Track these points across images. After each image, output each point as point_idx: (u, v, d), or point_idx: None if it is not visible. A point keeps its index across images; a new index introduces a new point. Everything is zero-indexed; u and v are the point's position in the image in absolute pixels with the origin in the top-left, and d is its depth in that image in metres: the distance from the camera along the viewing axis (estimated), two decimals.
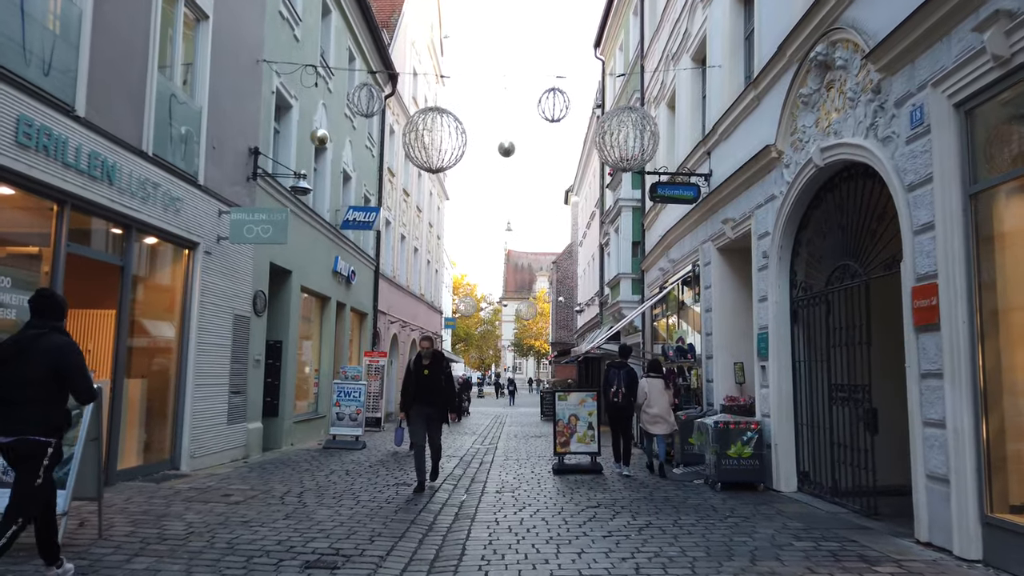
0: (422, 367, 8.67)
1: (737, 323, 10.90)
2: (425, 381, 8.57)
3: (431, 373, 8.61)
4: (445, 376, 8.79)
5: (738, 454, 8.58)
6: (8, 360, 4.19)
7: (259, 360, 11.72)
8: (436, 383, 8.60)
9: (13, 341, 4.28)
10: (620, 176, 18.93)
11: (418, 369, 8.67)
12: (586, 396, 10.76)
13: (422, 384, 8.56)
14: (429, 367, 8.65)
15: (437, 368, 8.69)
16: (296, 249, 13.57)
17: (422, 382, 8.57)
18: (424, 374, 8.60)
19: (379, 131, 20.82)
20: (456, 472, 10.62)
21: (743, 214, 9.84)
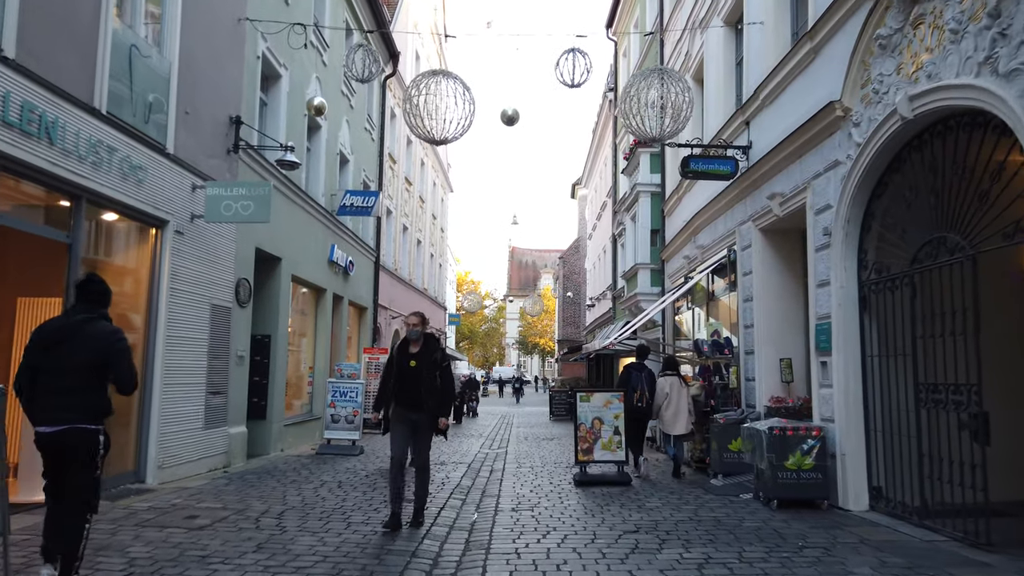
0: (407, 355, 6.38)
1: (784, 313, 9.60)
2: (411, 375, 6.27)
3: (420, 364, 6.29)
4: (441, 369, 6.42)
5: (797, 466, 7.28)
6: (53, 346, 4.06)
7: (243, 356, 10.45)
8: (426, 378, 6.27)
9: (59, 327, 4.16)
10: (637, 160, 17.64)
11: (402, 358, 6.38)
12: (612, 397, 9.47)
13: (407, 379, 6.28)
14: (417, 356, 6.35)
15: (428, 357, 6.35)
16: (286, 234, 12.31)
17: (407, 376, 6.28)
18: (410, 366, 6.31)
19: (379, 113, 19.55)
20: (464, 483, 9.34)
21: (795, 187, 8.54)
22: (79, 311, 4.21)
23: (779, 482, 7.28)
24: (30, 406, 4.09)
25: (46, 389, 4.01)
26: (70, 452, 4.01)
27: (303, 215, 13.23)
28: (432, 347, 6.47)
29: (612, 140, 24.30)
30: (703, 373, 10.27)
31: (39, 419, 4.04)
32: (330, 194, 15.03)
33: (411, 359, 6.36)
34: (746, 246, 10.21)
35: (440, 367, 6.42)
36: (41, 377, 4.03)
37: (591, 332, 30.63)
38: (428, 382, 6.28)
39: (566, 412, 24.81)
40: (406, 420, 6.36)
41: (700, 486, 8.96)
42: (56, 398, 4.00)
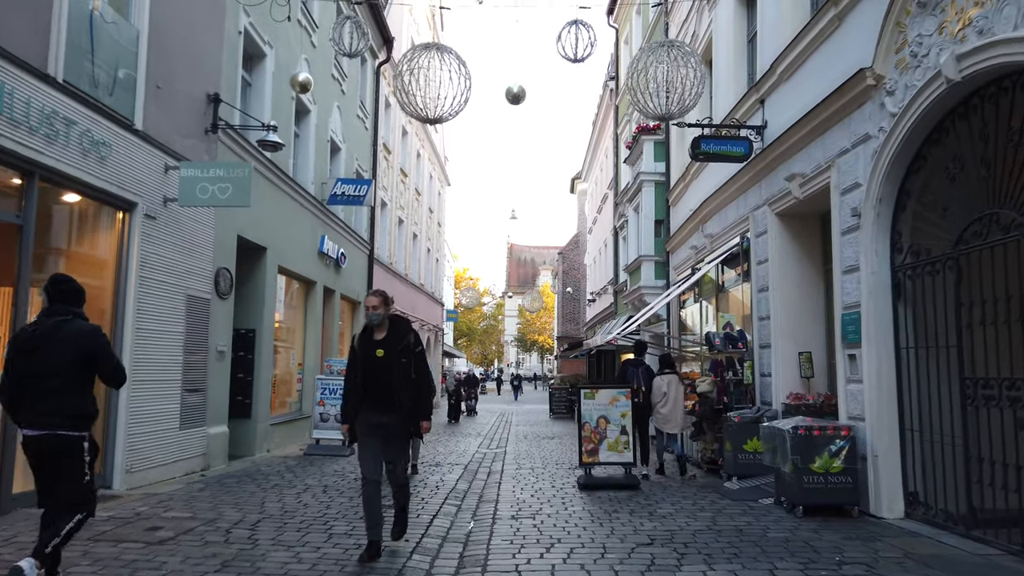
0: (371, 344, 5.14)
1: (803, 304, 8.95)
2: (379, 368, 5.07)
3: (389, 353, 5.07)
4: (415, 356, 5.20)
5: (825, 468, 6.63)
6: (33, 350, 4.03)
7: (223, 351, 9.79)
8: (399, 369, 5.06)
9: (34, 330, 4.12)
10: (640, 148, 16.99)
11: (366, 349, 5.14)
12: (618, 394, 8.81)
13: (375, 373, 5.08)
14: (384, 344, 5.09)
15: (397, 344, 5.10)
16: (272, 223, 11.64)
17: (374, 370, 5.08)
18: (376, 356, 5.08)
19: (372, 101, 18.87)
20: (460, 486, 8.70)
21: (817, 166, 7.88)
22: (54, 312, 4.15)
23: (805, 487, 6.63)
24: (15, 410, 4.10)
25: (30, 393, 4.01)
26: (52, 458, 4.01)
27: (291, 203, 12.56)
28: (401, 331, 5.19)
29: (613, 130, 23.64)
30: (715, 368, 9.63)
31: (24, 422, 4.05)
32: (320, 182, 14.35)
33: (376, 348, 5.09)
34: (761, 232, 9.55)
35: (413, 354, 5.18)
36: (25, 382, 4.02)
37: (591, 328, 29.98)
38: (401, 374, 5.06)
39: (566, 410, 24.21)
40: (376, 427, 5.07)
41: (714, 489, 8.32)
42: (40, 402, 3.99)
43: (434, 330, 30.42)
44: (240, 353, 11.07)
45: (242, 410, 10.96)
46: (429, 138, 27.83)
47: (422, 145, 26.63)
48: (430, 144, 28.18)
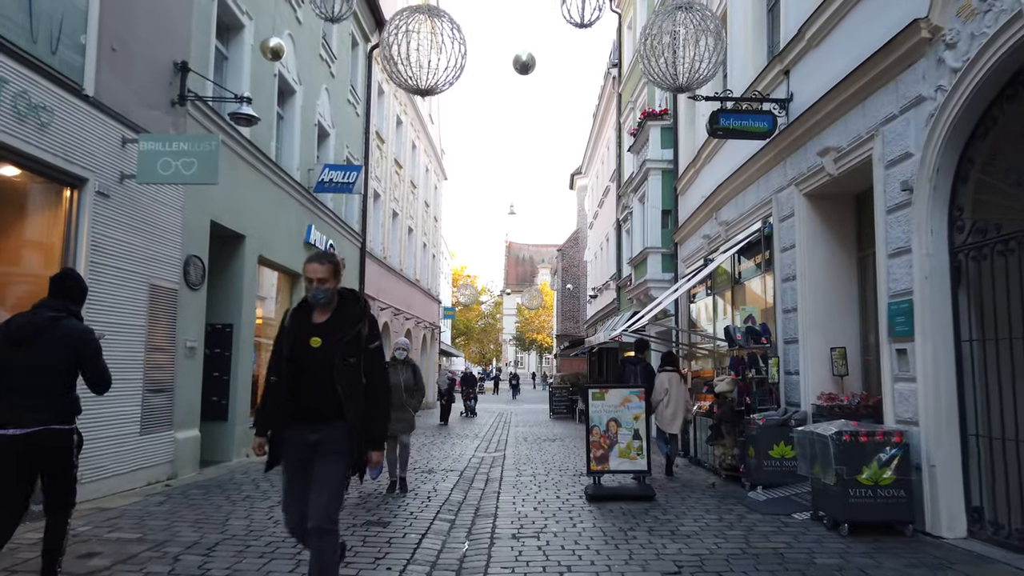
0: (307, 328, 3.66)
1: (835, 294, 8.08)
2: (313, 365, 3.58)
3: (327, 347, 3.59)
4: (367, 354, 3.71)
5: (874, 480, 5.75)
6: (22, 342, 3.91)
7: (194, 347, 8.89)
8: (342, 370, 3.58)
9: (27, 322, 3.98)
10: (646, 135, 16.11)
11: (298, 334, 3.66)
12: (631, 395, 7.93)
13: (306, 372, 3.60)
14: (325, 331, 3.63)
15: (342, 333, 3.62)
16: (252, 209, 10.74)
17: (306, 367, 3.60)
18: (311, 347, 3.60)
19: (364, 86, 17.96)
20: (454, 497, 7.81)
21: (855, 138, 6.99)
22: (49, 307, 4.06)
23: (850, 501, 5.75)
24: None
25: (13, 388, 3.87)
26: (43, 454, 3.90)
27: (273, 189, 11.66)
28: (351, 316, 3.66)
29: (616, 120, 22.75)
30: (735, 366, 8.76)
31: (5, 420, 3.83)
32: (307, 169, 13.46)
33: (313, 335, 3.59)
34: (786, 216, 8.68)
35: (366, 350, 3.67)
36: (7, 376, 3.87)
37: (592, 326, 29.10)
38: (346, 376, 3.55)
39: (567, 410, 23.37)
40: (305, 449, 3.58)
41: (738, 500, 7.44)
42: (26, 398, 3.87)
43: (430, 328, 29.53)
44: (216, 350, 10.18)
45: (218, 412, 10.07)
46: (425, 129, 26.94)
47: (417, 136, 25.73)
48: (426, 136, 27.29)
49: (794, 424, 7.90)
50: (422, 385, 8.28)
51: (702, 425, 10.38)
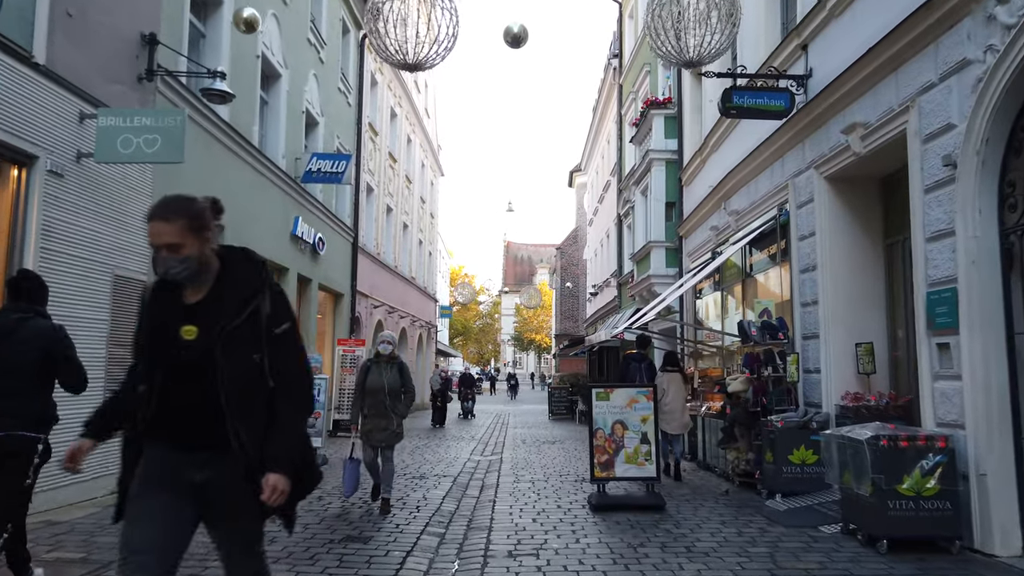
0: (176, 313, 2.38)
1: (859, 284, 7.45)
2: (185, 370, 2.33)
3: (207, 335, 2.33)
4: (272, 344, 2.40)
5: (916, 491, 5.10)
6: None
7: None
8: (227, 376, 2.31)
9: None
10: (649, 124, 15.48)
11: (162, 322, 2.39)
12: (638, 395, 7.28)
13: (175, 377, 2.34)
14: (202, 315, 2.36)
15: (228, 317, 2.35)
16: (232, 196, 10.00)
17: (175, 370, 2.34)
18: (184, 340, 2.33)
19: (356, 75, 17.31)
20: (446, 507, 7.16)
21: (886, 111, 6.35)
22: (13, 309, 3.96)
23: (890, 514, 5.10)
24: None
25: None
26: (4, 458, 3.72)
27: (255, 177, 11.00)
28: (243, 288, 2.45)
29: (617, 112, 22.11)
30: (750, 363, 8.13)
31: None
32: (294, 158, 12.80)
33: (185, 322, 2.37)
34: (805, 202, 8.04)
35: (271, 337, 2.41)
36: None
37: (592, 324, 28.46)
38: (235, 382, 2.34)
39: (566, 410, 22.74)
40: (178, 487, 2.36)
41: (756, 510, 6.79)
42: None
43: (426, 327, 28.88)
44: None
45: None
46: (421, 123, 26.29)
47: (413, 130, 25.07)
48: (422, 130, 26.64)
49: (816, 427, 7.27)
50: (411, 388, 6.95)
51: (711, 427, 9.75)
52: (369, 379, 6.66)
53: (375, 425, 6.61)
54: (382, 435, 6.65)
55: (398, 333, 22.99)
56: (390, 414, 6.64)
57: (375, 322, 19.75)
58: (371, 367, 6.76)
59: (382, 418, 6.62)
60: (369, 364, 6.83)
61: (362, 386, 6.68)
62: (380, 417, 6.62)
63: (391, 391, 6.68)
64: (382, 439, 6.65)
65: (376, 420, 6.62)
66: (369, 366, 6.81)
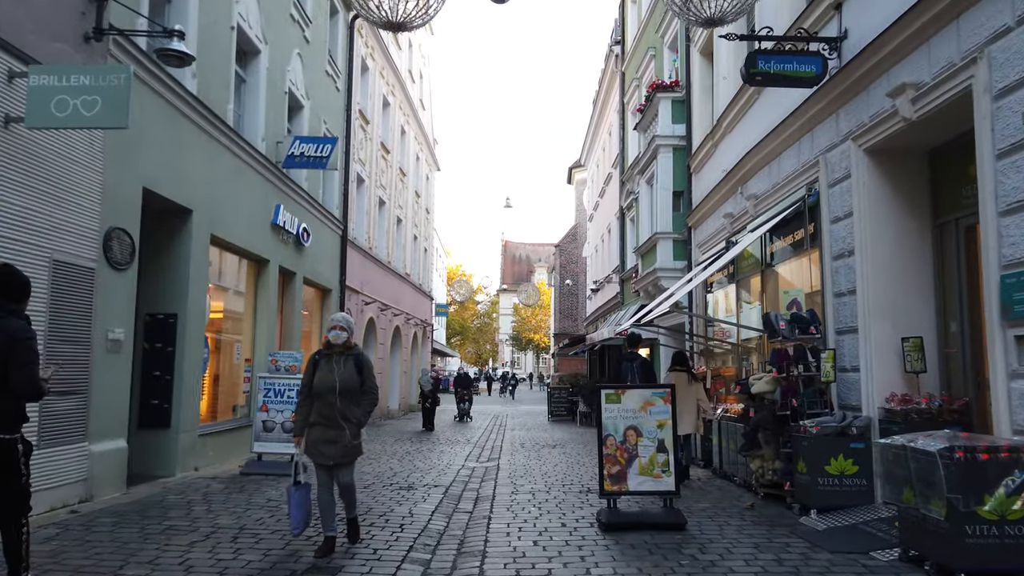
0: None
1: (905, 271, 6.56)
2: None
3: None
4: None
5: (1000, 513, 4.21)
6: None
7: (119, 340, 7.31)
8: None
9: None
10: (655, 108, 14.59)
11: None
12: (654, 397, 6.37)
13: None
14: None
15: None
16: (204, 180, 9.18)
17: None
18: None
19: (346, 59, 16.39)
20: (434, 525, 6.26)
21: (945, 66, 5.46)
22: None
23: (968, 541, 4.21)
24: None
25: None
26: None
27: (231, 160, 10.09)
28: None
29: (619, 101, 21.21)
30: (778, 361, 7.23)
31: None
32: (275, 141, 11.89)
33: None
34: (839, 179, 7.14)
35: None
36: None
37: (592, 323, 27.58)
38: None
39: (566, 411, 21.84)
40: None
41: (790, 529, 5.90)
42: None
43: (422, 325, 27.95)
44: (156, 344, 8.63)
45: (158, 418, 8.51)
46: (415, 114, 25.37)
47: (407, 121, 24.15)
48: (416, 121, 25.71)
49: (855, 433, 6.39)
50: (372, 387, 5.33)
51: (728, 432, 8.86)
52: (317, 377, 5.17)
53: (323, 436, 5.10)
54: (332, 450, 5.08)
55: (391, 331, 22.06)
56: (344, 422, 5.11)
57: (366, 319, 18.83)
58: (320, 361, 5.25)
59: (332, 427, 5.10)
60: (317, 357, 5.30)
61: (309, 386, 5.20)
62: (330, 426, 5.10)
63: (344, 391, 5.13)
64: (333, 455, 5.08)
65: (325, 430, 5.10)
66: (317, 360, 5.27)
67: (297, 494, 5.17)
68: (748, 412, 7.73)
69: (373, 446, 12.69)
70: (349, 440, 5.13)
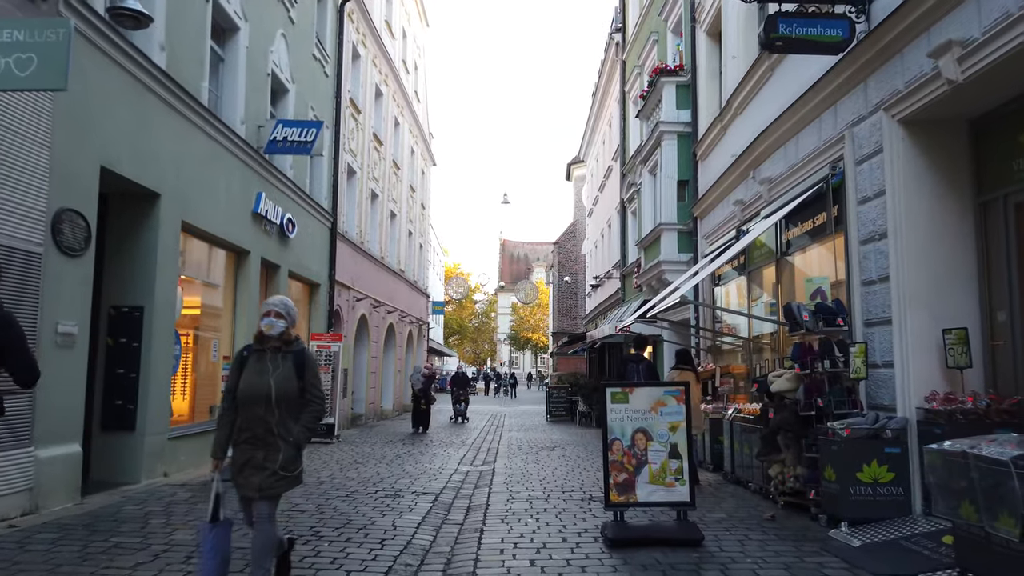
0: None
1: (947, 255, 5.89)
2: None
3: None
4: None
5: None
6: None
7: (71, 333, 6.61)
8: None
9: None
10: (659, 94, 13.91)
11: None
12: (667, 396, 5.68)
13: None
14: None
15: None
16: (174, 162, 8.49)
17: None
18: None
19: (335, 44, 15.69)
20: (419, 540, 5.58)
21: (1000, 17, 4.76)
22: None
23: None
24: None
25: None
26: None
27: (205, 142, 9.39)
28: None
29: (620, 90, 20.52)
30: (801, 356, 6.54)
31: None
32: (256, 125, 11.19)
33: None
34: (868, 155, 6.46)
35: None
36: None
37: (592, 321, 26.91)
38: None
39: (565, 411, 21.18)
40: None
41: (820, 544, 5.22)
42: None
43: (417, 323, 27.25)
44: (120, 339, 7.94)
45: (122, 420, 7.82)
46: (410, 106, 24.66)
47: (401, 113, 23.44)
48: (411, 113, 25.00)
49: (890, 436, 5.71)
50: (317, 394, 3.99)
51: (740, 434, 8.19)
52: (244, 379, 3.87)
53: (249, 459, 3.80)
54: (258, 478, 3.76)
55: (384, 329, 21.35)
56: (276, 441, 3.79)
57: (358, 316, 18.14)
58: (248, 359, 3.96)
59: (261, 447, 3.79)
60: (246, 354, 3.99)
61: (233, 391, 3.90)
62: (258, 445, 3.79)
63: (280, 399, 3.83)
64: (259, 485, 3.77)
65: (252, 451, 3.79)
66: (245, 357, 3.96)
67: (213, 534, 3.74)
68: (767, 412, 7.03)
69: (362, 449, 12.00)
70: (281, 466, 3.78)
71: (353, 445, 12.53)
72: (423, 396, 15.85)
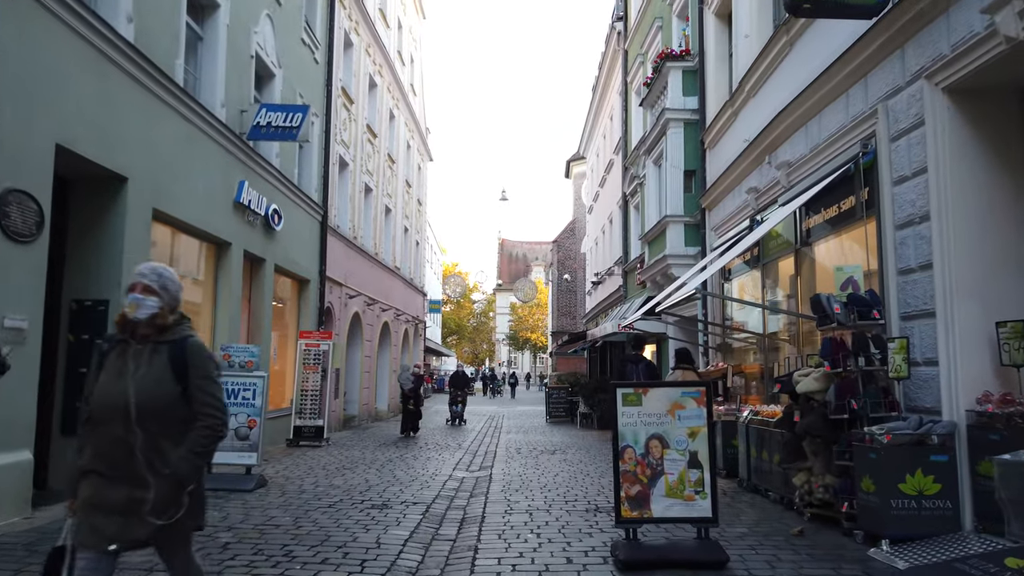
0: None
1: (999, 240, 5.25)
2: None
3: None
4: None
5: None
6: None
7: (20, 329, 5.95)
8: None
9: None
10: (664, 80, 13.26)
11: None
12: (685, 397, 5.02)
13: None
14: None
15: None
16: (144, 144, 7.83)
17: None
18: None
19: (326, 30, 15.02)
20: (404, 561, 4.93)
21: None
22: None
23: None
24: None
25: None
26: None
27: (180, 125, 8.73)
28: None
29: (622, 81, 19.87)
30: (832, 352, 5.88)
31: None
32: (239, 110, 10.53)
33: None
34: (906, 129, 5.81)
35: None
36: None
37: (592, 320, 26.26)
38: None
39: (565, 412, 20.51)
40: None
41: (860, 565, 4.59)
42: None
43: (413, 322, 26.59)
44: (83, 336, 7.26)
45: None
46: (406, 99, 24.00)
47: (396, 105, 22.77)
48: (407, 106, 24.34)
49: (936, 442, 5.07)
50: (211, 401, 2.74)
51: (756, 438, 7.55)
52: (99, 384, 2.70)
53: (101, 498, 2.61)
54: (116, 526, 2.58)
55: (379, 327, 20.67)
56: (143, 472, 2.61)
57: (351, 314, 17.47)
58: (109, 355, 2.77)
59: (121, 481, 2.61)
60: (105, 347, 2.81)
61: (87, 400, 2.73)
62: (115, 479, 2.61)
63: (146, 413, 2.64)
64: (118, 534, 2.58)
65: (105, 486, 2.61)
66: (105, 352, 2.79)
67: None
68: (791, 415, 6.38)
69: (351, 452, 11.34)
70: (154, 509, 2.58)
71: (343, 449, 11.87)
72: (413, 397, 15.04)
